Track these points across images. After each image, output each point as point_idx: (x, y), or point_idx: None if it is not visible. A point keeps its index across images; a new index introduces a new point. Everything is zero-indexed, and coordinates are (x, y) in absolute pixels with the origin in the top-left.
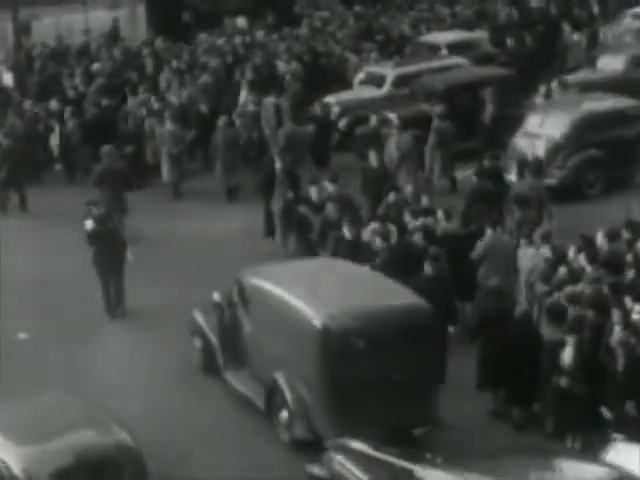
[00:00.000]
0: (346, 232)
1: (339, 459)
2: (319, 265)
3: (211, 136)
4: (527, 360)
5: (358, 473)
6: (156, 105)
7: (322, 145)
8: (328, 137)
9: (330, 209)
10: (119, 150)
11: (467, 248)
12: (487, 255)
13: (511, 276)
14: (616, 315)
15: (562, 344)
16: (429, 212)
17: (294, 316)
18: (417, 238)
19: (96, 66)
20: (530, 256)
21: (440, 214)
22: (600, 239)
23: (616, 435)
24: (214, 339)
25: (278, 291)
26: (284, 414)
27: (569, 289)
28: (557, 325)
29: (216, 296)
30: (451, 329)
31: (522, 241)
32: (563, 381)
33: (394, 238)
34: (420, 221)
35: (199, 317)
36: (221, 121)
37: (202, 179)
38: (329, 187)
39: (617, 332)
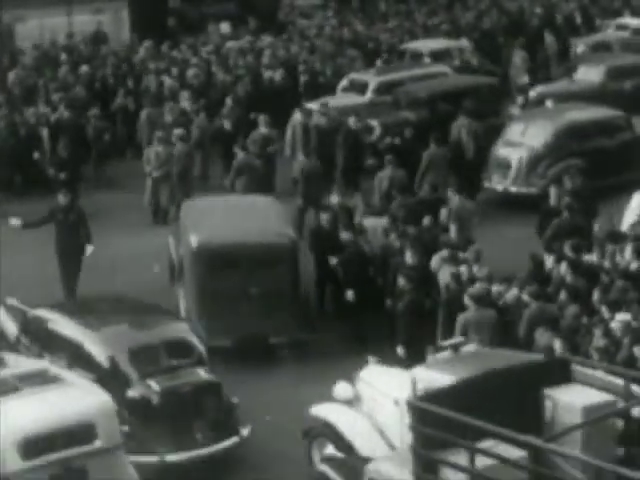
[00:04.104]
0: (408, 258)
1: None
2: (235, 200)
3: None
4: None
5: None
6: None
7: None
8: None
9: (393, 238)
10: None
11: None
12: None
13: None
14: (595, 323)
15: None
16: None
17: (186, 241)
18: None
19: (84, 69)
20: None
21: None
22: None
23: (370, 357)
24: (173, 258)
25: (186, 221)
26: None
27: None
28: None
29: None
30: None
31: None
32: None
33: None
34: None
35: (170, 240)
36: (175, 135)
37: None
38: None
39: (595, 340)
